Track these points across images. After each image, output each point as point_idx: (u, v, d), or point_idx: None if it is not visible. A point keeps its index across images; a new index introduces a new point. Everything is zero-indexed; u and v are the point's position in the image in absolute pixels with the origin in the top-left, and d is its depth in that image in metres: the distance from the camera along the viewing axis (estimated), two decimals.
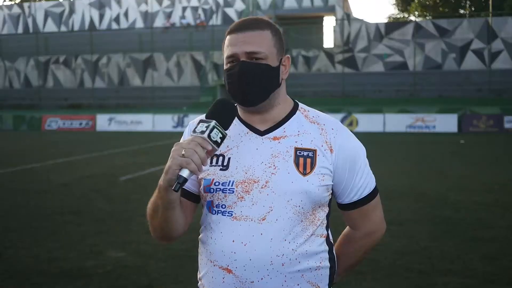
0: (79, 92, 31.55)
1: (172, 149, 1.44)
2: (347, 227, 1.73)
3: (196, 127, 1.46)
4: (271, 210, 1.50)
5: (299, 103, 1.68)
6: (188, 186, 1.61)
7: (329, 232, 1.63)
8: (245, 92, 1.55)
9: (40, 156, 14.25)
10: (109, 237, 5.89)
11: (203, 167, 1.45)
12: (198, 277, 1.65)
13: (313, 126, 1.61)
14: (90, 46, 31.38)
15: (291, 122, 1.60)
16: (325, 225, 1.60)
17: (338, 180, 1.59)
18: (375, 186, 1.67)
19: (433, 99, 25.48)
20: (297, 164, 1.53)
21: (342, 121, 24.16)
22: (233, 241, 1.51)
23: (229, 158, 1.57)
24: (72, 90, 31.94)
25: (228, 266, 1.51)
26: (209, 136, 1.42)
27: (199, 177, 1.59)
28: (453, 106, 23.77)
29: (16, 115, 28.63)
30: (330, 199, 1.63)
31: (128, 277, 4.59)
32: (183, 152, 1.40)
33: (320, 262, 1.56)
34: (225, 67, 1.59)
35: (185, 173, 1.40)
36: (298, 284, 1.52)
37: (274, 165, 1.53)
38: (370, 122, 23.82)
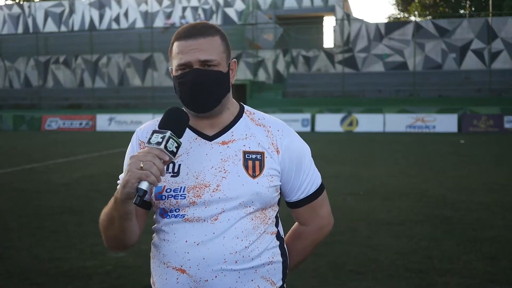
0: (79, 92, 31.55)
1: (128, 162, 1.44)
2: (296, 223, 1.78)
3: (150, 138, 1.45)
4: (223, 211, 1.53)
5: (244, 106, 1.72)
6: None
7: (279, 228, 1.69)
8: (199, 100, 1.57)
9: (40, 156, 14.25)
10: None
11: (163, 176, 1.47)
12: (151, 282, 1.65)
13: (259, 128, 1.65)
14: (90, 46, 31.39)
15: (238, 126, 1.64)
16: (274, 222, 1.65)
17: (285, 179, 1.64)
18: (321, 183, 1.73)
19: (433, 99, 25.48)
20: (246, 167, 1.57)
21: (342, 121, 24.17)
22: (186, 241, 1.53)
23: (179, 165, 1.59)
24: (72, 90, 31.94)
25: (181, 266, 1.53)
26: (165, 147, 1.43)
27: None
28: (453, 106, 23.77)
29: (16, 115, 28.63)
30: (279, 198, 1.68)
31: (128, 277, 4.59)
32: (141, 165, 1.40)
33: (273, 257, 1.60)
34: (175, 74, 1.60)
35: (144, 185, 1.40)
36: (252, 280, 1.55)
37: (224, 169, 1.56)
38: (370, 122, 23.82)
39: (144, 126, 1.72)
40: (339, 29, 29.73)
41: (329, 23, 61.42)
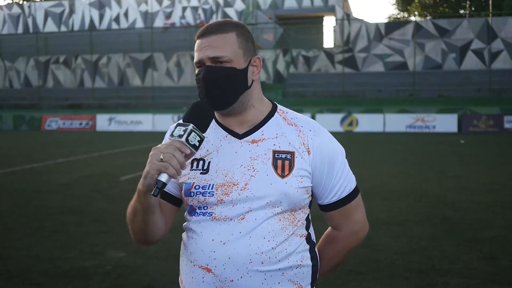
0: (79, 92, 31.55)
1: (150, 153, 1.45)
2: (329, 227, 1.74)
3: (173, 131, 1.47)
4: (250, 211, 1.52)
5: (277, 105, 1.69)
6: (170, 189, 1.63)
7: (310, 231, 1.64)
8: (211, 97, 1.56)
9: (40, 156, 14.25)
10: (109, 237, 5.89)
11: (183, 171, 1.46)
12: (179, 280, 1.65)
13: (291, 128, 1.61)
14: (90, 46, 31.38)
15: (269, 125, 1.61)
16: (305, 225, 1.61)
17: (317, 181, 1.60)
18: (355, 186, 1.68)
19: (433, 99, 25.47)
20: (275, 167, 1.55)
21: (342, 121, 24.17)
22: (213, 240, 1.52)
23: (209, 162, 1.58)
24: (72, 90, 31.94)
25: (207, 265, 1.52)
26: (187, 140, 1.43)
27: (180, 181, 1.60)
28: (453, 106, 23.77)
29: (16, 115, 28.64)
30: (311, 201, 1.64)
31: (128, 277, 4.59)
32: (161, 157, 1.41)
33: (302, 261, 1.57)
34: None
35: (164, 177, 1.40)
36: (278, 283, 1.52)
37: (253, 168, 1.55)
38: (370, 122, 23.82)
39: (177, 122, 1.71)
40: (339, 29, 29.73)
41: (329, 23, 61.47)
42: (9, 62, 33.38)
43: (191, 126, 1.44)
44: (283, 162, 1.55)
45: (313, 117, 24.14)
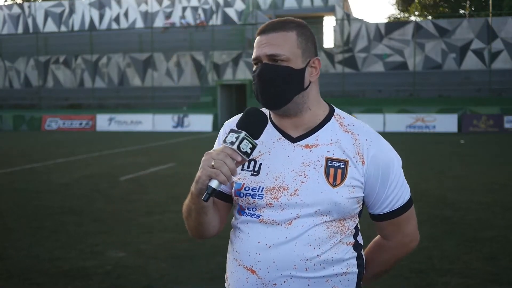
0: (79, 92, 31.54)
1: (203, 158, 1.45)
2: (378, 235, 1.71)
3: (226, 137, 1.46)
4: (298, 217, 1.50)
5: (335, 108, 1.65)
6: (223, 188, 1.61)
7: (358, 238, 1.62)
8: (265, 95, 1.55)
9: (40, 156, 14.25)
10: (109, 237, 5.89)
11: (235, 176, 1.46)
12: (225, 276, 1.66)
13: (347, 135, 1.57)
14: (90, 46, 31.38)
15: (325, 130, 1.57)
16: (353, 234, 1.58)
17: (369, 191, 1.57)
18: (409, 198, 1.63)
19: (433, 99, 25.47)
20: (327, 175, 1.52)
21: None
22: (259, 242, 1.52)
23: (260, 164, 1.57)
24: (72, 90, 31.92)
25: (252, 266, 1.52)
26: (238, 147, 1.43)
27: (232, 179, 1.60)
28: (453, 106, 23.77)
29: (16, 115, 28.63)
30: (361, 210, 1.61)
31: (128, 277, 4.59)
32: (212, 163, 1.41)
33: (347, 268, 1.55)
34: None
35: (214, 183, 1.41)
36: None
37: (304, 174, 1.52)
38: (370, 122, 23.69)
39: (233, 118, 1.68)
40: (339, 29, 29.73)
41: (329, 23, 61.50)
42: (9, 62, 33.37)
43: (243, 134, 1.45)
44: (335, 170, 1.52)
45: None
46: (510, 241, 5.57)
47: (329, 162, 1.53)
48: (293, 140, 1.57)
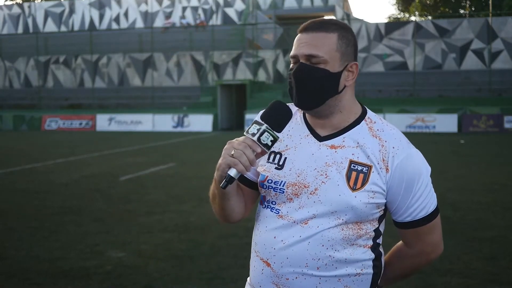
0: (79, 92, 31.54)
1: (225, 147, 1.48)
2: (401, 241, 1.69)
3: (249, 128, 1.48)
4: (315, 217, 1.51)
5: (368, 111, 1.62)
6: (249, 175, 1.66)
7: (378, 241, 1.60)
8: (299, 95, 1.55)
9: (40, 156, 14.25)
10: (109, 237, 5.89)
11: (261, 161, 1.51)
12: (250, 262, 1.70)
13: (374, 140, 1.55)
14: (90, 46, 31.38)
15: (352, 133, 1.56)
16: (372, 237, 1.57)
17: (391, 199, 1.54)
18: (435, 209, 1.58)
19: (433, 99, 25.47)
20: (348, 178, 1.51)
21: None
22: (275, 237, 1.55)
23: (285, 158, 1.59)
24: (72, 90, 31.93)
25: (268, 259, 1.56)
26: (258, 139, 1.45)
27: (258, 170, 1.63)
28: (453, 106, 23.77)
29: (16, 115, 28.63)
30: (383, 215, 1.58)
31: (128, 277, 4.59)
32: (232, 152, 1.44)
33: (361, 270, 1.55)
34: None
35: (233, 172, 1.44)
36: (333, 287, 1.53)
37: (326, 174, 1.52)
38: None
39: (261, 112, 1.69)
40: None
41: None
42: (9, 62, 33.38)
43: (264, 126, 1.46)
44: (357, 174, 1.51)
45: None
46: (510, 241, 5.57)
47: (352, 165, 1.52)
48: (320, 139, 1.57)
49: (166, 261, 4.98)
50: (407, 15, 45.77)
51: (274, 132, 1.47)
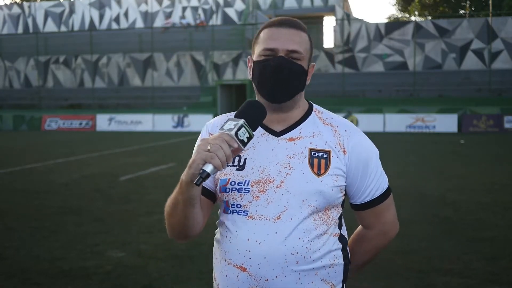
0: (79, 92, 31.55)
1: (197, 144, 1.48)
2: (360, 226, 1.76)
3: (224, 125, 1.46)
4: (286, 210, 1.52)
5: (314, 104, 1.71)
6: (206, 183, 1.62)
7: (343, 230, 1.65)
8: (276, 87, 1.56)
9: (40, 156, 14.25)
10: (109, 237, 5.89)
11: (229, 163, 1.47)
12: (213, 277, 1.66)
13: (327, 127, 1.63)
14: (90, 46, 31.39)
15: (307, 124, 1.63)
16: (337, 224, 1.62)
17: (351, 181, 1.62)
18: (388, 186, 1.69)
19: (433, 99, 25.47)
20: (311, 165, 1.56)
21: None
22: (248, 239, 1.52)
23: (245, 159, 1.59)
24: (72, 90, 31.93)
25: (242, 264, 1.53)
26: (236, 134, 1.43)
27: (216, 177, 1.61)
28: (453, 106, 23.77)
29: (16, 115, 28.63)
30: (344, 200, 1.66)
31: (128, 277, 4.59)
32: (208, 147, 1.41)
33: (334, 260, 1.58)
34: (257, 59, 1.60)
35: (208, 168, 1.40)
36: (312, 282, 1.54)
37: (289, 166, 1.55)
38: (370, 122, 23.81)
39: (214, 120, 1.73)
40: (339, 29, 29.73)
41: (329, 23, 61.57)
42: (9, 62, 33.38)
43: (242, 121, 1.45)
44: (319, 160, 1.57)
45: None
46: (510, 241, 5.57)
47: (312, 153, 1.57)
48: (277, 134, 1.61)
49: (166, 261, 4.98)
50: (407, 15, 45.77)
51: (250, 129, 1.46)
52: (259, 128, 1.60)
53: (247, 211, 1.54)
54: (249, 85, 27.24)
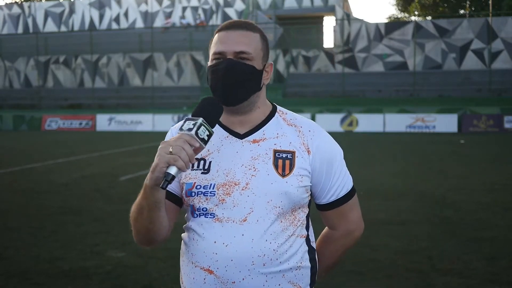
0: (79, 92, 31.55)
1: (159, 147, 1.45)
2: (326, 227, 1.75)
3: (183, 125, 1.46)
4: (252, 211, 1.52)
5: (277, 106, 1.71)
6: (172, 188, 1.61)
7: (310, 232, 1.65)
8: (226, 90, 1.56)
9: (40, 156, 14.25)
10: (109, 237, 5.89)
11: (192, 162, 1.46)
12: (180, 280, 1.65)
13: (291, 128, 1.63)
14: (90, 46, 31.39)
15: (270, 125, 1.63)
16: (305, 225, 1.62)
17: (316, 181, 1.62)
18: (352, 186, 1.70)
19: (433, 99, 25.48)
20: (276, 166, 1.56)
21: (342, 121, 24.17)
22: (215, 242, 1.52)
23: (210, 162, 1.58)
24: (72, 90, 31.94)
25: (209, 267, 1.52)
26: (196, 133, 1.43)
27: (181, 181, 1.60)
28: (453, 106, 23.77)
29: (16, 115, 28.63)
30: (310, 200, 1.66)
31: (128, 277, 4.59)
32: (170, 150, 1.40)
33: (301, 262, 1.58)
34: (209, 63, 1.62)
35: (172, 170, 1.39)
36: (279, 284, 1.53)
37: (254, 167, 1.55)
38: (370, 122, 23.82)
39: (178, 124, 1.71)
40: (339, 29, 29.73)
41: (329, 23, 61.44)
42: (9, 62, 33.39)
43: (200, 120, 1.44)
44: (283, 161, 1.56)
45: (313, 118, 24.14)
46: (510, 241, 5.57)
47: (277, 154, 1.57)
48: (241, 136, 1.61)
49: (166, 261, 4.98)
50: (407, 15, 45.77)
51: (209, 126, 1.46)
52: (223, 131, 1.62)
53: (214, 213, 1.54)
54: None
